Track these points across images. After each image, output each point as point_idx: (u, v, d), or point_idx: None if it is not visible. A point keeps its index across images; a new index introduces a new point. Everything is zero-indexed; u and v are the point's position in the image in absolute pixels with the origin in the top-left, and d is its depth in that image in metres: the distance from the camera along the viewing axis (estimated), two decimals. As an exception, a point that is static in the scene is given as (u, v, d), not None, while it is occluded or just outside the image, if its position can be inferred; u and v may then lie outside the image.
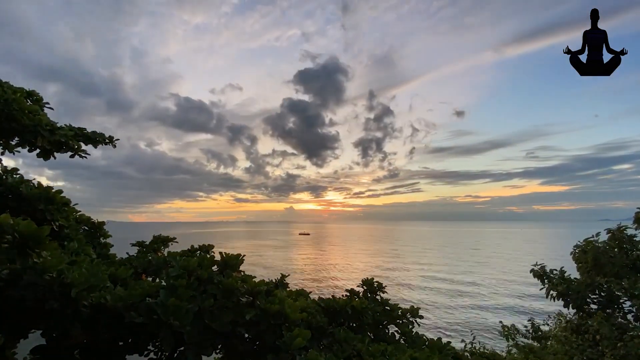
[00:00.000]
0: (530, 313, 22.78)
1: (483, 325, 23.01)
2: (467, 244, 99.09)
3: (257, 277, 2.81)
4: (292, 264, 54.47)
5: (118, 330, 2.15)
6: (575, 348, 5.89)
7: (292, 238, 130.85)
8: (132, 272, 2.88)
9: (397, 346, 2.75)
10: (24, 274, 1.99)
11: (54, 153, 3.80)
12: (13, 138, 3.60)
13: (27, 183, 3.45)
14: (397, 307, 3.28)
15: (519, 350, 7.49)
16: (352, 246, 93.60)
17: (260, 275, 3.05)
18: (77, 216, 3.83)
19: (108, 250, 3.89)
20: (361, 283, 3.61)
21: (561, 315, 7.72)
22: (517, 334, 8.43)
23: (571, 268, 6.64)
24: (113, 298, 2.13)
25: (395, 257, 63.49)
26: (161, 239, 4.25)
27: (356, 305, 3.04)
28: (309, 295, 3.39)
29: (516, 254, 68.85)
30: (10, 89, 3.48)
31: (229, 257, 2.81)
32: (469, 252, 73.85)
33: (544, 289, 6.35)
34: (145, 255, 3.72)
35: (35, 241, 2.08)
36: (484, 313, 26.74)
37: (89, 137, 4.13)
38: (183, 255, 3.59)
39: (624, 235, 6.33)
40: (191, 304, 2.22)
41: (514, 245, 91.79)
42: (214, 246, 3.99)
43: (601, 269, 6.07)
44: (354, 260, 60.86)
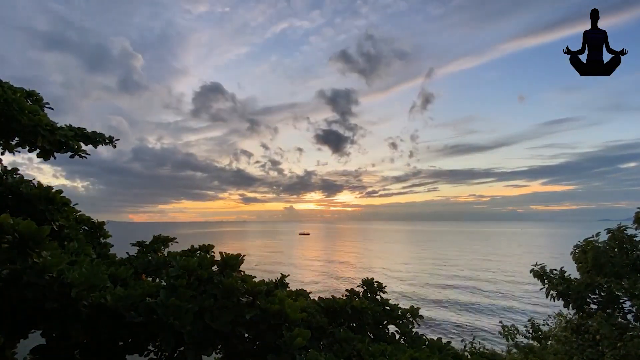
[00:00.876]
0: (530, 313, 22.78)
1: (483, 325, 23.02)
2: (466, 244, 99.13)
3: (257, 277, 2.82)
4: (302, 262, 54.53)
5: (118, 330, 2.16)
6: (575, 348, 5.89)
7: (294, 237, 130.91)
8: (132, 272, 2.88)
9: (397, 346, 2.75)
10: (24, 274, 1.99)
11: (54, 153, 3.80)
12: (13, 138, 3.60)
13: (27, 183, 3.45)
14: (397, 307, 3.29)
15: (519, 350, 7.49)
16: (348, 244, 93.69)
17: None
18: (77, 216, 3.83)
19: (108, 250, 3.90)
20: (361, 283, 3.61)
21: (561, 315, 7.72)
22: (517, 334, 8.42)
23: (571, 268, 6.64)
24: (113, 298, 2.13)
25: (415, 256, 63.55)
26: (161, 239, 4.25)
27: (356, 305, 3.04)
28: (309, 295, 3.39)
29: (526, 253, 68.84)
30: (10, 89, 3.48)
31: (229, 257, 2.81)
32: (471, 252, 73.85)
33: (544, 289, 6.35)
34: (145, 255, 3.72)
35: (35, 241, 2.08)
36: (484, 313, 26.75)
37: (89, 137, 4.13)
38: (183, 255, 3.59)
39: (624, 235, 6.33)
40: (191, 304, 2.22)
41: (520, 245, 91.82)
42: (214, 246, 3.99)
43: (601, 269, 6.07)
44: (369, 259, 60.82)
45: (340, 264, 55.42)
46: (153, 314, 2.10)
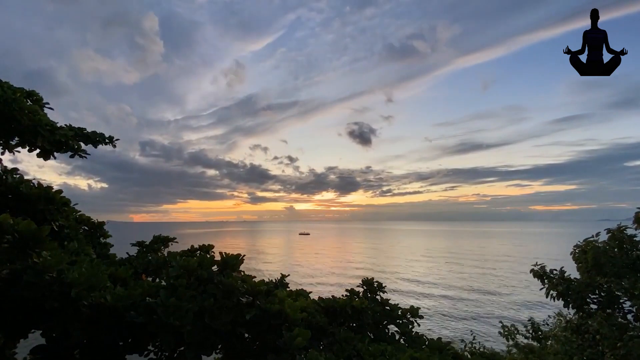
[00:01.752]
0: (530, 313, 22.76)
1: (483, 326, 23.01)
2: (455, 244, 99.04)
3: (257, 277, 2.81)
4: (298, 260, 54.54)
5: (118, 330, 2.15)
6: (575, 348, 5.89)
7: (294, 238, 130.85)
8: (132, 272, 2.88)
9: (397, 346, 2.75)
10: (24, 274, 1.99)
11: (54, 153, 3.80)
12: (13, 138, 3.60)
13: (27, 183, 3.45)
14: (397, 307, 3.29)
15: (519, 350, 7.49)
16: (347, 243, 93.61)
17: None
18: (77, 216, 3.83)
19: (108, 250, 3.90)
20: (361, 283, 3.61)
21: (561, 315, 7.72)
22: (517, 334, 8.43)
23: (571, 268, 6.64)
24: (113, 298, 2.13)
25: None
26: (161, 239, 4.25)
27: (356, 305, 3.04)
28: (309, 295, 3.39)
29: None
30: (10, 89, 3.48)
31: (229, 257, 2.81)
32: (470, 254, 73.79)
33: (544, 289, 6.35)
34: (145, 255, 3.72)
35: (35, 241, 2.08)
36: (484, 312, 26.74)
37: (89, 137, 4.13)
38: (183, 255, 3.59)
39: (624, 235, 6.32)
40: (191, 304, 2.22)
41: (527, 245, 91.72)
42: (214, 246, 3.99)
43: (601, 269, 6.06)
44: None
45: (340, 261, 55.44)
46: (153, 314, 2.10)
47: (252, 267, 47.89)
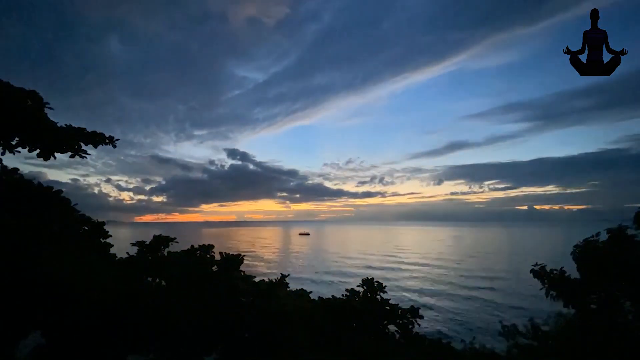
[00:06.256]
0: (530, 313, 22.74)
1: (483, 326, 22.99)
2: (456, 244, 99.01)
3: (257, 277, 2.81)
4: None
5: (118, 330, 2.15)
6: (575, 348, 5.88)
7: (294, 238, 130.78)
8: (132, 272, 2.89)
9: (397, 346, 2.75)
10: (24, 273, 2.00)
11: (54, 153, 3.80)
12: (13, 138, 3.60)
13: (28, 183, 3.45)
14: (397, 307, 3.29)
15: (519, 350, 7.48)
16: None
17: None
18: (77, 216, 3.83)
19: (108, 250, 3.90)
20: (361, 283, 3.62)
21: (561, 315, 7.70)
22: (517, 334, 8.41)
23: (571, 268, 6.63)
24: (113, 298, 2.13)
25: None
26: (161, 238, 4.25)
27: (356, 305, 3.04)
28: (309, 295, 3.39)
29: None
30: (11, 89, 3.48)
31: (230, 257, 2.81)
32: (466, 252, 73.77)
33: (544, 289, 6.34)
34: (146, 255, 3.72)
35: (36, 241, 2.08)
36: (483, 313, 26.72)
37: (89, 136, 4.13)
38: (183, 255, 3.59)
39: (624, 235, 6.32)
40: (191, 304, 2.22)
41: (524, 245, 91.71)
42: (214, 246, 3.99)
43: (601, 269, 6.06)
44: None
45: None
46: (153, 314, 2.10)
47: (252, 266, 47.82)
